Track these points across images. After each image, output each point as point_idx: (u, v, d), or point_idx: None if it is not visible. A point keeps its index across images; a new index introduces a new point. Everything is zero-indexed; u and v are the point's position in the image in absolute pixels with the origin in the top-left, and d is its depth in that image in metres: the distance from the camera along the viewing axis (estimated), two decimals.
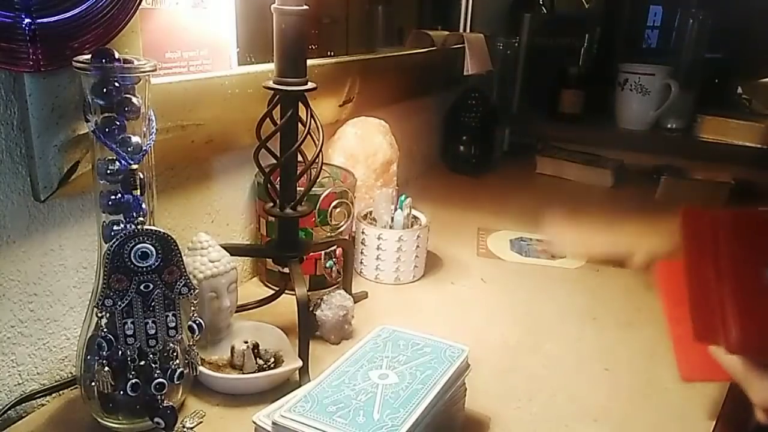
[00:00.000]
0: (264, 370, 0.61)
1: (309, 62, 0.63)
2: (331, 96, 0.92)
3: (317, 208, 0.75)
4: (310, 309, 0.69)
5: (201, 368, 0.57)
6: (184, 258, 0.51)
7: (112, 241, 0.48)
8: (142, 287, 0.49)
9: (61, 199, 0.57)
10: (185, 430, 0.54)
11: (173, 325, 0.51)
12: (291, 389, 0.54)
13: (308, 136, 0.63)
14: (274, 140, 0.64)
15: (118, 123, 0.48)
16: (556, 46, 1.58)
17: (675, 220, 0.49)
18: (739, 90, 1.67)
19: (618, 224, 0.72)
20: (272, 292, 0.78)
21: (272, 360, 0.62)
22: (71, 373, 0.61)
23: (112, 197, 0.50)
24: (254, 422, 0.49)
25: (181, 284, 0.51)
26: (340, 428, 0.44)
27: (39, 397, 0.58)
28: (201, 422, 0.56)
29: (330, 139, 0.92)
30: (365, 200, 0.90)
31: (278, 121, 0.63)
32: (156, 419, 0.51)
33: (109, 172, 0.49)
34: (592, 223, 0.74)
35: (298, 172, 0.66)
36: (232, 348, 0.62)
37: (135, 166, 0.49)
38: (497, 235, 1.03)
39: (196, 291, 0.52)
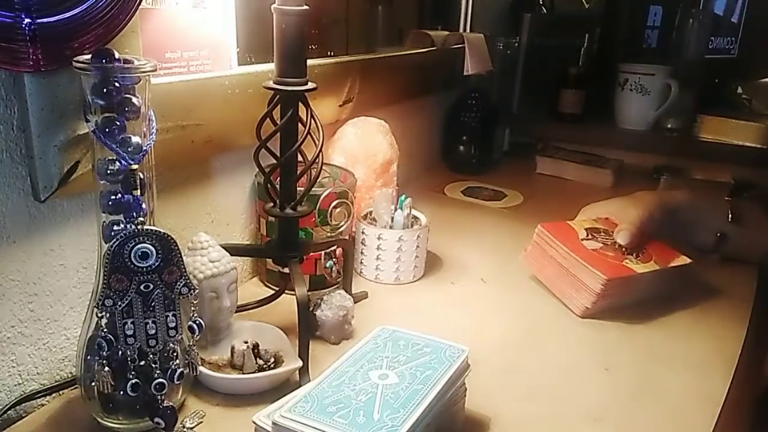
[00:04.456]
0: (264, 370, 0.61)
1: (309, 62, 0.63)
2: (331, 96, 0.92)
3: (317, 208, 0.75)
4: (310, 309, 0.69)
5: (201, 368, 0.57)
6: (184, 258, 0.51)
7: (112, 241, 0.48)
8: (142, 287, 0.49)
9: (61, 199, 0.57)
10: (185, 430, 0.54)
11: (173, 325, 0.51)
12: (291, 389, 0.54)
13: (308, 136, 0.63)
14: (274, 140, 0.64)
15: (118, 123, 0.48)
16: (556, 46, 1.57)
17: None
18: (739, 90, 1.68)
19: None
20: (272, 292, 0.78)
21: (272, 360, 0.62)
22: (71, 373, 0.61)
23: (112, 197, 0.50)
24: (254, 422, 0.49)
25: (181, 284, 0.51)
26: (340, 428, 0.44)
27: (39, 397, 0.58)
28: (201, 422, 0.56)
29: (330, 139, 0.92)
30: (365, 200, 0.90)
31: (278, 121, 0.63)
32: (156, 419, 0.51)
33: (109, 172, 0.49)
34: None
35: (298, 172, 0.66)
36: (232, 348, 0.62)
37: (135, 166, 0.49)
38: None
39: (196, 291, 0.52)
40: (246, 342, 0.62)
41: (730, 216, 0.92)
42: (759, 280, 0.90)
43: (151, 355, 0.51)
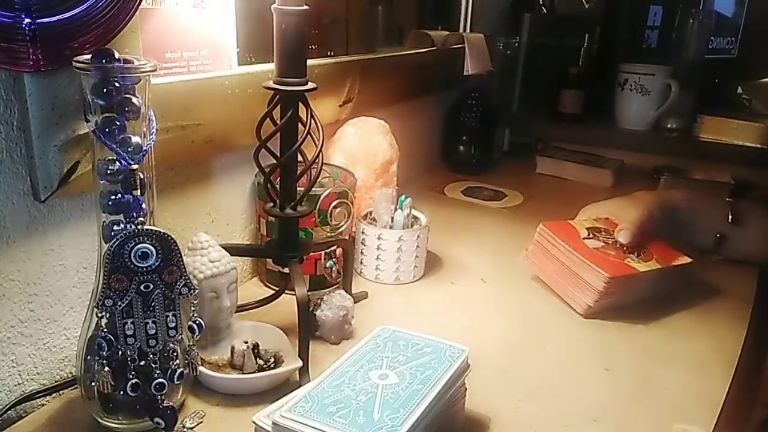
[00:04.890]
0: (264, 370, 0.61)
1: (309, 62, 0.63)
2: (331, 96, 0.92)
3: (317, 208, 0.75)
4: (310, 309, 0.69)
5: (201, 368, 0.57)
6: (184, 258, 0.51)
7: (112, 241, 0.48)
8: (142, 287, 0.49)
9: (61, 199, 0.57)
10: (185, 430, 0.54)
11: (173, 325, 0.51)
12: (291, 389, 0.54)
13: (308, 136, 0.63)
14: (274, 140, 0.64)
15: (118, 123, 0.48)
16: (556, 46, 1.57)
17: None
18: (739, 90, 1.68)
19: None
20: (272, 292, 0.78)
21: (272, 360, 0.62)
22: (71, 373, 0.61)
23: (112, 197, 0.50)
24: (254, 422, 0.49)
25: (181, 284, 0.51)
26: (340, 428, 0.44)
27: (39, 397, 0.58)
28: (201, 422, 0.56)
29: (330, 139, 0.92)
30: (365, 200, 0.90)
31: (278, 121, 0.63)
32: (156, 419, 0.51)
33: (109, 172, 0.49)
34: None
35: (298, 172, 0.66)
36: (232, 348, 0.62)
37: (135, 166, 0.49)
38: None
39: (196, 291, 0.52)
40: (246, 342, 0.62)
41: (730, 217, 0.91)
42: (759, 281, 0.90)
43: (151, 355, 0.51)
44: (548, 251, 0.84)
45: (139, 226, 0.49)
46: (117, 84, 0.47)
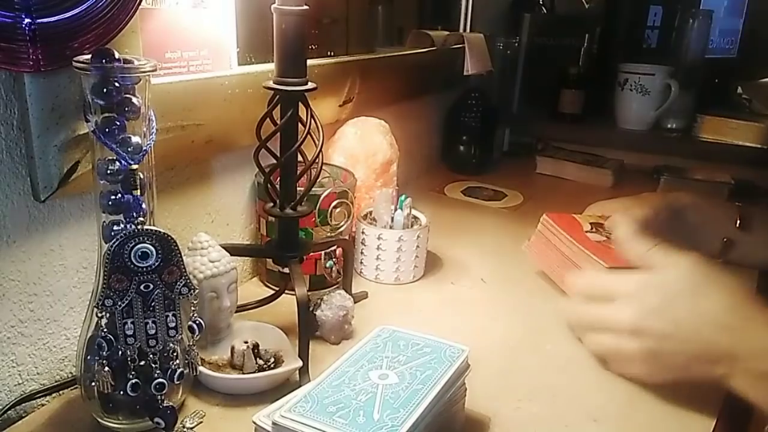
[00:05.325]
0: (264, 370, 0.61)
1: (309, 62, 0.63)
2: (331, 96, 0.92)
3: (317, 208, 0.75)
4: (310, 309, 0.69)
5: (201, 368, 0.57)
6: (184, 258, 0.51)
7: (112, 241, 0.48)
8: (142, 287, 0.49)
9: (61, 199, 0.57)
10: (185, 430, 0.54)
11: (173, 325, 0.51)
12: (291, 389, 0.54)
13: (308, 136, 0.63)
14: (274, 140, 0.64)
15: (118, 123, 0.48)
16: (556, 46, 1.58)
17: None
18: (739, 90, 1.68)
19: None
20: (272, 292, 0.78)
21: (272, 360, 0.62)
22: (71, 373, 0.61)
23: (112, 197, 0.50)
24: (254, 422, 0.49)
25: (181, 284, 0.51)
26: (340, 428, 0.44)
27: (39, 397, 0.58)
28: (201, 422, 0.56)
29: (330, 139, 0.92)
30: (365, 200, 0.90)
31: (278, 121, 0.63)
32: (156, 419, 0.51)
33: (109, 172, 0.49)
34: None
35: (298, 172, 0.66)
36: (232, 348, 0.62)
37: (135, 166, 0.49)
38: None
39: (196, 291, 0.52)
40: (246, 342, 0.62)
41: (738, 222, 0.90)
42: (759, 282, 0.90)
43: (151, 355, 0.51)
44: (550, 241, 0.84)
45: (139, 226, 0.49)
46: (117, 84, 0.47)
